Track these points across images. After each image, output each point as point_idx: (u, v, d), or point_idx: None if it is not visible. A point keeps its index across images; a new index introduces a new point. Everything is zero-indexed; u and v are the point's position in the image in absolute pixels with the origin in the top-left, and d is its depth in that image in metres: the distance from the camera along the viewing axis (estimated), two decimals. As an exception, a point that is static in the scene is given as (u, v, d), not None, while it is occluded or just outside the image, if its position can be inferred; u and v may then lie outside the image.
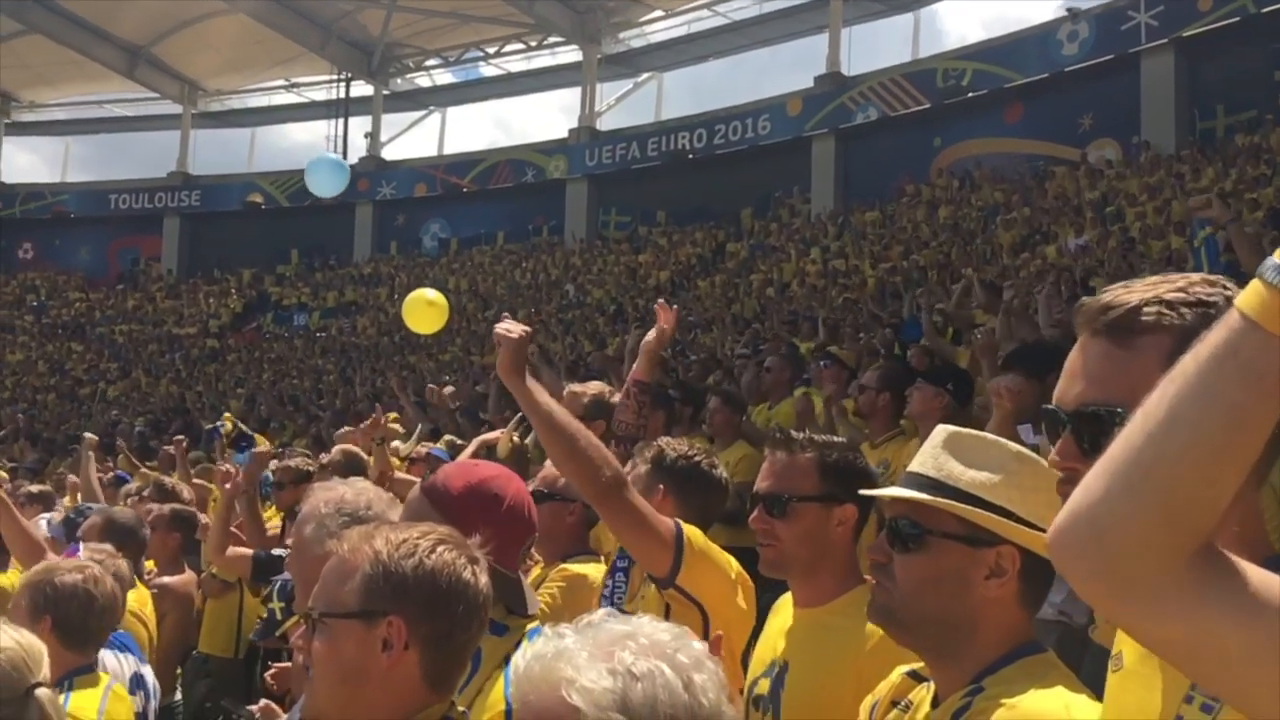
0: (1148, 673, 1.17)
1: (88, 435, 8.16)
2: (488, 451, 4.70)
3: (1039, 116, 21.54)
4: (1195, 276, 1.17)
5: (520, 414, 5.92)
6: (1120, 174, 17.59)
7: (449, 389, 10.56)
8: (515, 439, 4.80)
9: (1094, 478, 0.90)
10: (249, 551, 4.82)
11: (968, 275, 11.00)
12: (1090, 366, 1.17)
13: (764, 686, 2.16)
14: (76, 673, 2.69)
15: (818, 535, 2.15)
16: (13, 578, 4.07)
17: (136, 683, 3.31)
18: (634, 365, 3.79)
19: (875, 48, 30.15)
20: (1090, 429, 1.14)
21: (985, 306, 8.47)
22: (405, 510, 2.08)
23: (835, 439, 2.32)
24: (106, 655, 3.05)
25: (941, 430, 1.67)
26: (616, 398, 4.02)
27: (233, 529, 5.00)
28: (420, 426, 8.36)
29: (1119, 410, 1.10)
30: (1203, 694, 1.09)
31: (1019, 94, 21.82)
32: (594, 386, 4.19)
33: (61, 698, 2.55)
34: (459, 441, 6.74)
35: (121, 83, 31.94)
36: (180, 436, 9.11)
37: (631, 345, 9.18)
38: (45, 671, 2.26)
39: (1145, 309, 1.14)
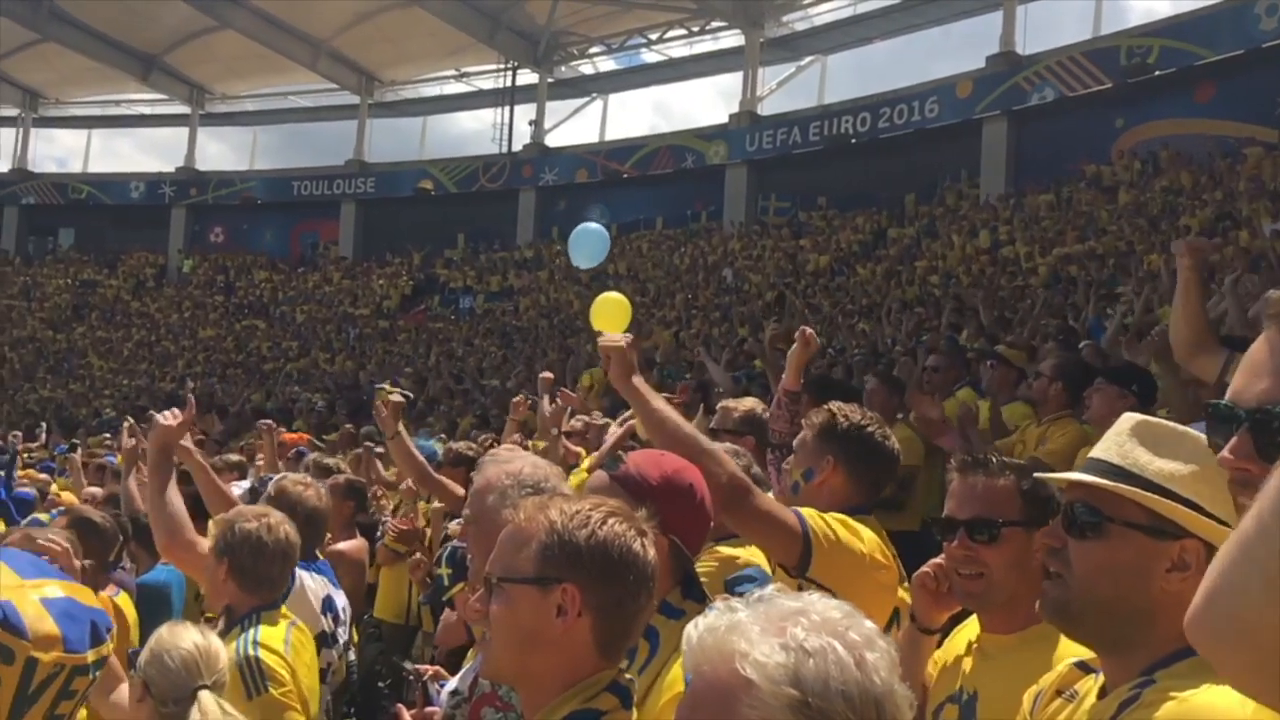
0: None
1: (265, 421, 8.74)
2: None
3: (1232, 96, 20.18)
4: None
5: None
6: (1324, 155, 16.34)
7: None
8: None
9: (1230, 563, 0.86)
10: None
11: (1152, 261, 10.43)
12: (1278, 363, 1.09)
13: (951, 714, 2.11)
14: (262, 609, 2.93)
15: (1024, 562, 2.05)
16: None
17: (327, 605, 3.56)
18: (783, 376, 3.77)
19: (1053, 25, 28.86)
20: (1272, 431, 1.07)
21: (1172, 296, 8.01)
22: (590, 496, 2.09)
23: (1025, 462, 2.22)
24: (304, 575, 3.25)
25: (1130, 417, 1.61)
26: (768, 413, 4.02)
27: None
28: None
29: None
30: None
31: (1211, 72, 20.50)
32: (747, 403, 4.20)
33: (251, 631, 2.81)
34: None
35: (305, 75, 33.60)
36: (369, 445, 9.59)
37: (768, 338, 9.16)
38: (218, 676, 2.45)
39: None
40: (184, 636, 2.50)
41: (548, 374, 6.69)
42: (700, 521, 2.06)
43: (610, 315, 4.59)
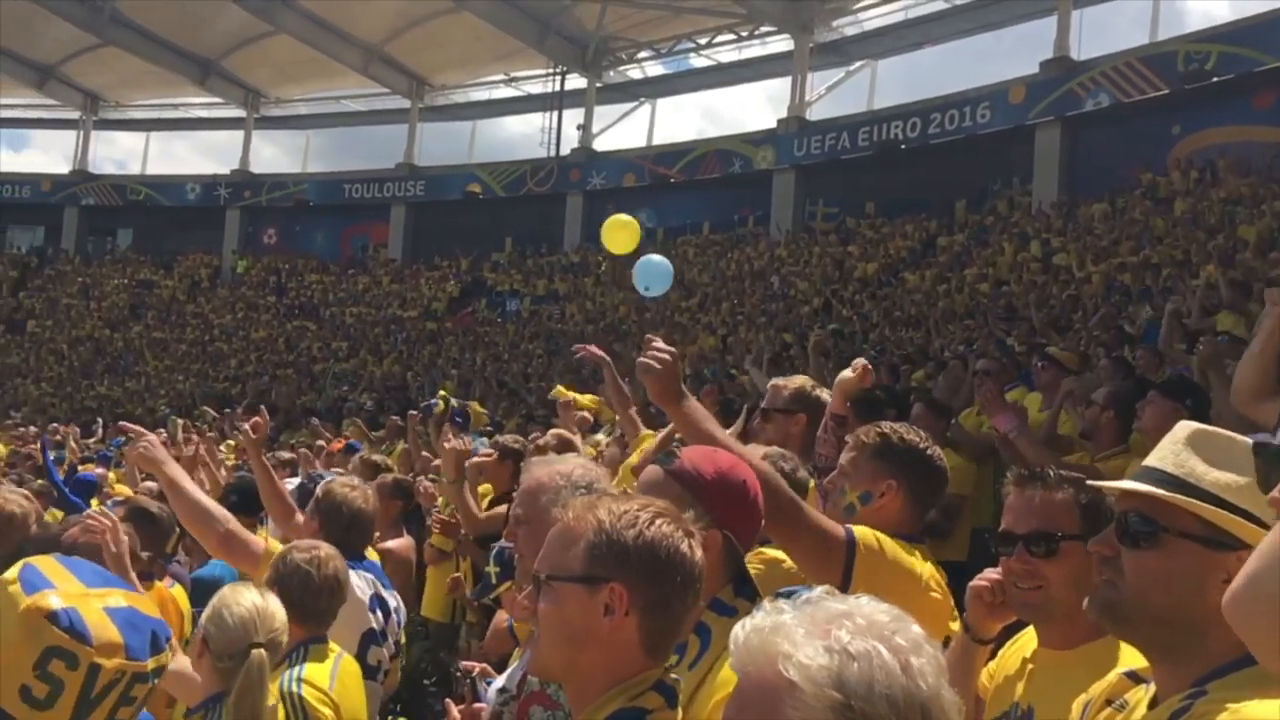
0: None
1: (314, 420, 8.89)
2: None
3: (1293, 102, 19.76)
4: None
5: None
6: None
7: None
8: None
9: (1274, 549, 0.85)
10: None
11: (1209, 272, 10.25)
12: None
13: None
14: (309, 642, 2.93)
15: (1083, 577, 1.98)
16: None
17: (376, 602, 3.60)
18: (831, 400, 3.74)
19: (1109, 30, 28.31)
20: None
21: (1230, 306, 7.89)
22: (644, 491, 2.04)
23: (1081, 476, 2.18)
24: (350, 573, 3.29)
25: (1185, 426, 1.59)
26: (820, 391, 3.99)
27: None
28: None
29: None
30: None
31: (1270, 79, 20.05)
32: (797, 380, 4.16)
33: (296, 667, 2.82)
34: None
35: (356, 79, 34.00)
36: (414, 412, 9.64)
37: (814, 343, 9.10)
38: (273, 635, 2.52)
39: None
40: (244, 596, 2.60)
41: (584, 414, 6.68)
42: (752, 518, 2.06)
43: (619, 238, 4.56)
